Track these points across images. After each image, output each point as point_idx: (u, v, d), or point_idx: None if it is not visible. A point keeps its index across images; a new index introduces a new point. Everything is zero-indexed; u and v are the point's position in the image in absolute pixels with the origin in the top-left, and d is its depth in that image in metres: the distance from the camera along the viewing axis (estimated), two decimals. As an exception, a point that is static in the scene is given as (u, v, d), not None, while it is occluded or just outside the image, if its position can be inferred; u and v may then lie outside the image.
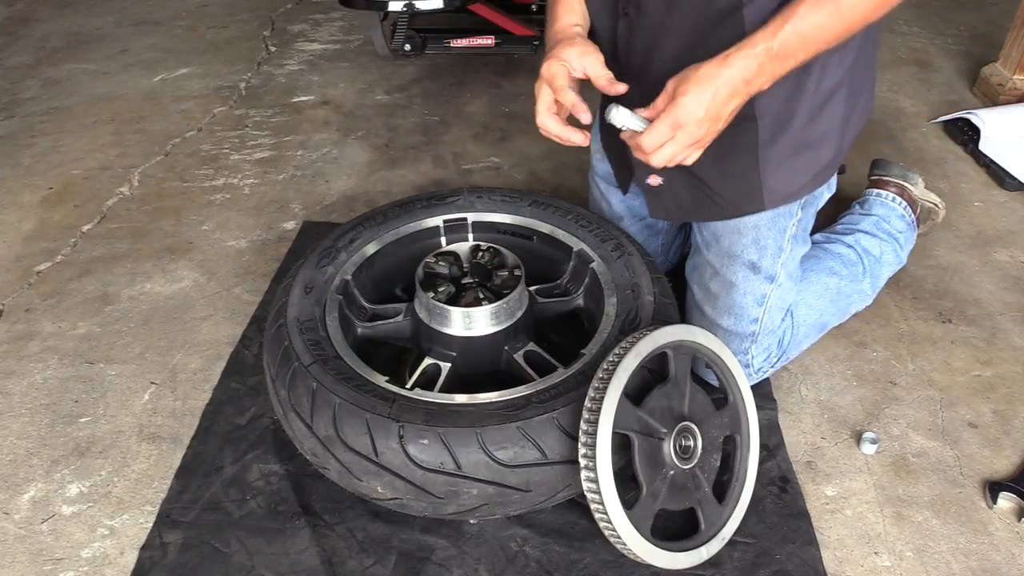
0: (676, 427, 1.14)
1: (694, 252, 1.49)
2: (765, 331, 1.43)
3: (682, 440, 1.15)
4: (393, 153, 2.34)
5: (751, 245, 1.37)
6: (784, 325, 1.47)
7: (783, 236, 1.37)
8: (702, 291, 1.45)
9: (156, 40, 3.08)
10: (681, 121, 1.06)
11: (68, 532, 1.27)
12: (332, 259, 1.41)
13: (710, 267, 1.42)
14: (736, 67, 1.06)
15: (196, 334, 1.66)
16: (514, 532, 1.25)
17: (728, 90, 1.06)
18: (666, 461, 1.13)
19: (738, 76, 1.06)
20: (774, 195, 1.32)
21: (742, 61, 1.06)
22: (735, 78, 1.06)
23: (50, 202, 2.10)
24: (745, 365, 1.45)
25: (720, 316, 1.42)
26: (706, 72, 1.06)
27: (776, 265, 1.39)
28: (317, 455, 1.16)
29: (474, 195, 1.57)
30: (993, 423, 1.46)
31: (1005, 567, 1.22)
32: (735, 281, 1.39)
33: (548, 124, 1.19)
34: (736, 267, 1.39)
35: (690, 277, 1.49)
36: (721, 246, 1.40)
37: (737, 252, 1.38)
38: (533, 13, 2.94)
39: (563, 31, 1.25)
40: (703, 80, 1.06)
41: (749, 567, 1.20)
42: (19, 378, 1.56)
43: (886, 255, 1.64)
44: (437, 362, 1.31)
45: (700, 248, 1.45)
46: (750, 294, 1.39)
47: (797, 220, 1.38)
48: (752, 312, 1.40)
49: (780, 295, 1.42)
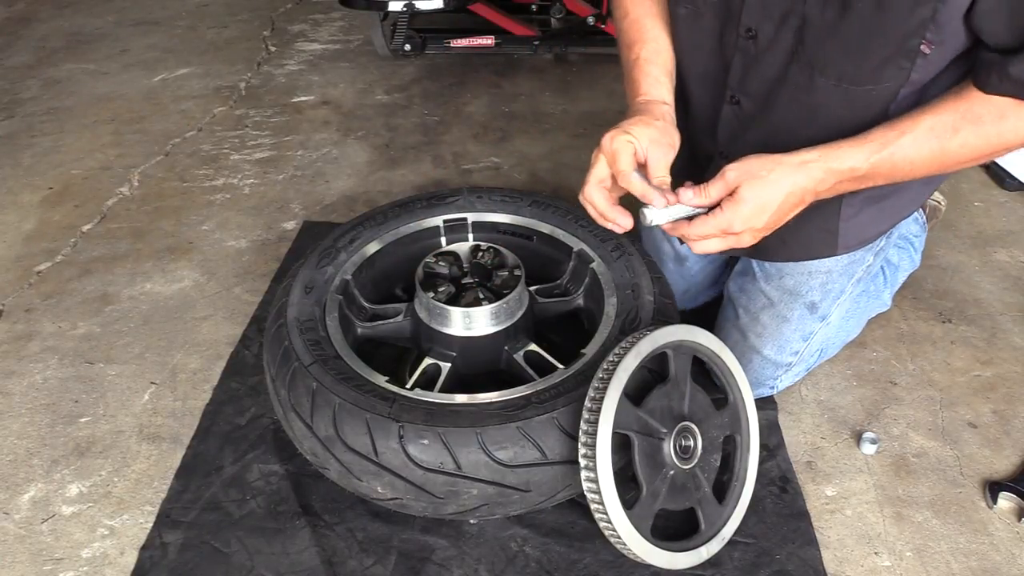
0: (676, 427, 1.14)
1: (744, 276, 1.44)
2: (801, 361, 1.43)
3: (682, 440, 1.15)
4: (393, 153, 2.34)
5: (818, 288, 1.34)
6: (818, 355, 1.47)
7: (849, 281, 1.36)
8: (749, 317, 1.41)
9: (156, 40, 3.08)
10: (735, 228, 0.97)
11: (68, 532, 1.27)
12: (332, 259, 1.41)
13: (764, 297, 1.38)
14: (814, 177, 0.96)
15: (196, 334, 1.66)
16: (514, 532, 1.24)
17: (795, 200, 0.97)
18: (666, 461, 1.13)
19: (810, 187, 0.97)
20: (849, 241, 1.28)
21: (822, 174, 0.96)
22: (806, 188, 0.97)
23: (50, 202, 2.10)
24: (770, 388, 1.46)
25: (763, 345, 1.40)
26: (777, 177, 0.95)
27: (833, 306, 1.37)
28: (317, 455, 1.16)
29: (474, 195, 1.57)
30: (993, 423, 1.46)
31: (1005, 567, 1.22)
32: (790, 318, 1.37)
33: (595, 199, 1.07)
34: (795, 305, 1.36)
35: (736, 298, 1.44)
36: (784, 283, 1.36)
37: (801, 291, 1.35)
38: (533, 13, 2.94)
39: (648, 106, 1.10)
40: (771, 185, 0.95)
41: (749, 567, 1.20)
42: (19, 378, 1.56)
43: (903, 261, 1.63)
44: (437, 362, 1.31)
45: (756, 276, 1.39)
46: (799, 330, 1.38)
47: (867, 266, 1.37)
48: (795, 346, 1.39)
49: (826, 332, 1.42)
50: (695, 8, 1.14)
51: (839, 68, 1.02)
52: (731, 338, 1.44)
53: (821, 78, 1.05)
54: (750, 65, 1.13)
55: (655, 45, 1.16)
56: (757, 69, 1.12)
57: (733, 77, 1.16)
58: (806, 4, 1.00)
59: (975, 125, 0.95)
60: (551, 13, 2.88)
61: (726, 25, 1.12)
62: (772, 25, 1.06)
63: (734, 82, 1.17)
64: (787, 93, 1.11)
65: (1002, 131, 0.95)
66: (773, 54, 1.08)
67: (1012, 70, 0.91)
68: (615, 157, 1.04)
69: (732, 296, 1.46)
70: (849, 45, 0.99)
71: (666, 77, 1.15)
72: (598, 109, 2.56)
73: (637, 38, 1.17)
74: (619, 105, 2.50)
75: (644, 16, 1.18)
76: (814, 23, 1.01)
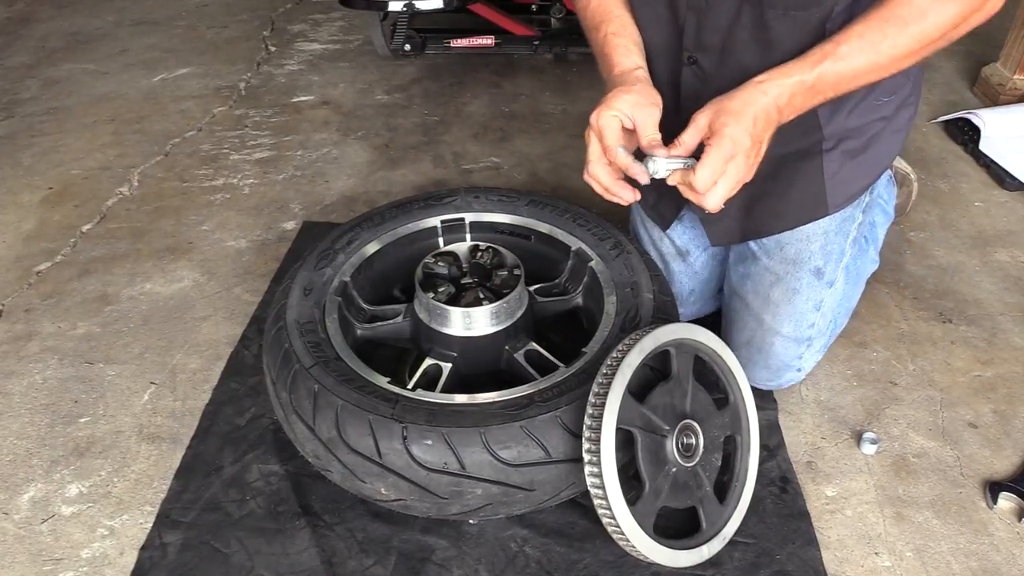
0: (678, 425, 1.15)
1: (744, 261, 1.45)
2: (819, 335, 1.43)
3: (684, 438, 1.15)
4: (393, 153, 2.34)
5: (819, 252, 1.36)
6: (831, 327, 1.47)
7: (846, 241, 1.38)
8: (760, 300, 1.41)
9: (156, 40, 3.08)
10: (732, 151, 1.04)
11: (68, 532, 1.27)
12: (330, 260, 1.41)
13: (771, 274, 1.39)
14: (771, 94, 1.05)
15: (196, 334, 1.66)
16: (514, 532, 1.24)
17: (764, 117, 1.06)
18: (668, 458, 1.13)
19: (771, 104, 1.06)
20: (838, 199, 1.32)
21: (776, 89, 1.06)
22: (769, 105, 1.06)
23: (50, 202, 2.10)
24: (797, 369, 1.46)
25: (781, 324, 1.40)
26: (743, 100, 1.05)
27: (838, 270, 1.39)
28: (319, 457, 1.16)
29: (471, 195, 1.57)
30: (993, 423, 1.46)
31: (1005, 567, 1.22)
32: (799, 288, 1.37)
33: (599, 174, 1.14)
34: (801, 274, 1.37)
35: (740, 287, 1.45)
36: (786, 254, 1.37)
37: (804, 259, 1.36)
38: (533, 13, 2.94)
39: (623, 76, 1.18)
40: (743, 109, 1.04)
41: (749, 567, 1.20)
42: (19, 378, 1.56)
43: (877, 216, 1.61)
44: (438, 363, 1.31)
45: (757, 256, 1.41)
46: (811, 299, 1.39)
47: (858, 224, 1.39)
48: (810, 317, 1.40)
49: (835, 298, 1.42)
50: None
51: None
52: (747, 328, 1.44)
53: (770, 10, 1.14)
54: (703, 20, 1.20)
55: (620, 22, 1.23)
56: (709, 21, 1.19)
57: (688, 38, 1.23)
58: None
59: (900, 26, 1.05)
60: (551, 13, 2.88)
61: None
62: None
63: (689, 42, 1.23)
64: (740, 37, 1.18)
65: (925, 28, 1.05)
66: (723, 2, 1.16)
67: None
68: (602, 134, 1.11)
69: (736, 287, 1.47)
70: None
71: (635, 47, 1.22)
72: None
73: (603, 18, 1.24)
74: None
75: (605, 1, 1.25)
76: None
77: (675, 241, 1.54)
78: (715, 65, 1.23)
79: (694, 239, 1.53)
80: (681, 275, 1.56)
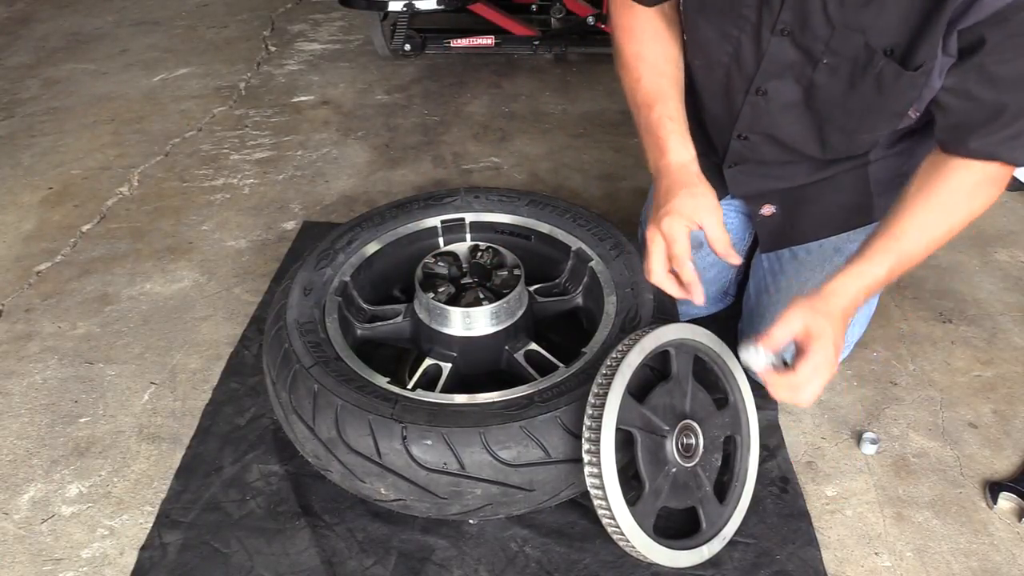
0: (678, 425, 1.15)
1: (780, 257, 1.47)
2: (848, 341, 1.46)
3: (684, 438, 1.15)
4: (393, 153, 2.34)
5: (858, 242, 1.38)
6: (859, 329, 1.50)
7: None
8: (798, 284, 1.41)
9: (156, 40, 3.08)
10: (825, 366, 1.07)
11: (68, 532, 1.27)
12: (330, 260, 1.41)
13: (808, 270, 1.41)
14: (851, 296, 1.10)
15: (196, 334, 1.66)
16: (514, 532, 1.24)
17: (849, 316, 1.11)
18: (668, 459, 1.13)
19: (853, 304, 1.11)
20: (882, 207, 1.33)
21: (853, 304, 1.11)
22: (852, 305, 1.11)
23: (50, 202, 2.10)
24: None
25: None
26: (834, 304, 1.09)
27: None
28: (319, 457, 1.16)
29: (471, 195, 1.57)
30: (993, 423, 1.46)
31: (1005, 567, 1.22)
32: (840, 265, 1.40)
33: (665, 285, 1.17)
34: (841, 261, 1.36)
35: (772, 282, 1.46)
36: (824, 250, 1.41)
37: (844, 248, 1.39)
38: (533, 13, 2.94)
39: (681, 170, 1.19)
40: (835, 312, 1.08)
41: (749, 567, 1.20)
42: (19, 378, 1.56)
43: None
44: (438, 362, 1.31)
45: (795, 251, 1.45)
46: None
47: None
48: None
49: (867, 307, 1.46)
50: (708, 63, 1.26)
51: (843, 124, 1.22)
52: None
53: (827, 125, 1.23)
54: (760, 115, 1.27)
55: (675, 106, 1.24)
56: (768, 117, 1.27)
57: (742, 123, 1.30)
58: (815, 71, 1.15)
59: (950, 214, 1.14)
60: (551, 13, 2.88)
61: (736, 81, 1.24)
62: (782, 85, 1.20)
63: (743, 126, 1.30)
64: (796, 128, 1.26)
65: (973, 208, 1.15)
66: (782, 106, 1.23)
67: (972, 144, 1.09)
68: (673, 243, 1.14)
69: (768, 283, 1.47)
70: (853, 112, 1.18)
71: (688, 137, 1.23)
72: (598, 109, 2.56)
73: (657, 98, 1.24)
74: (619, 105, 2.51)
75: (658, 77, 1.25)
76: (822, 88, 1.17)
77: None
78: (764, 142, 1.31)
79: None
80: None
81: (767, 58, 1.17)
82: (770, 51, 1.16)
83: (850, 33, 1.08)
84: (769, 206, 1.44)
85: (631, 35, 1.27)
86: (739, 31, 1.17)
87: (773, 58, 1.17)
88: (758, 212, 1.46)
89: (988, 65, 1.03)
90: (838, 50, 1.11)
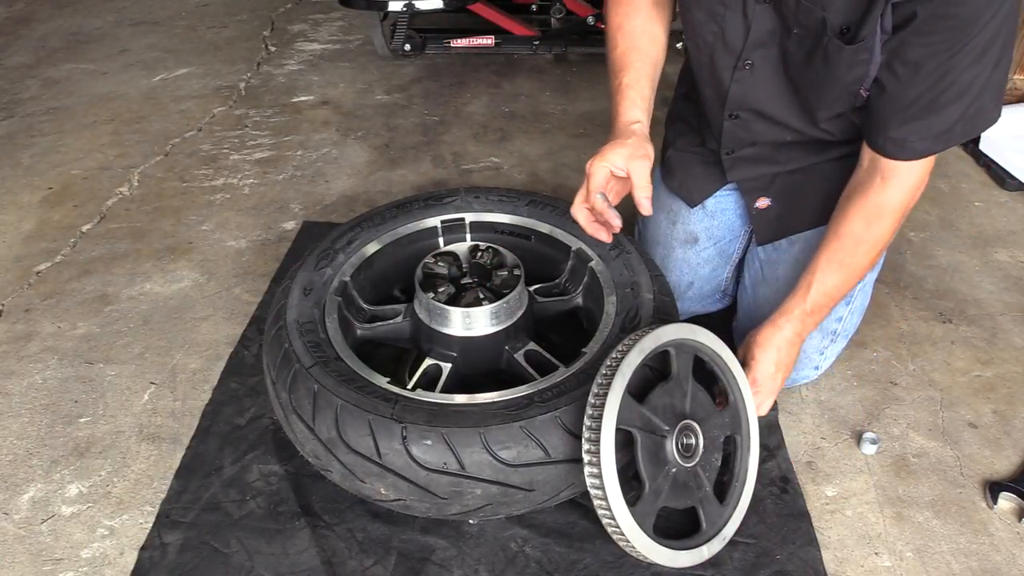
0: (678, 425, 1.15)
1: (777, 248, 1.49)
2: (844, 333, 1.47)
3: (684, 438, 1.15)
4: (393, 153, 2.34)
5: None
6: (855, 321, 1.50)
7: None
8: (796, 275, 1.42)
9: (156, 40, 3.08)
10: (759, 380, 1.29)
11: (68, 532, 1.27)
12: (330, 260, 1.41)
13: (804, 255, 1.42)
14: (786, 328, 1.29)
15: (196, 334, 1.66)
16: (514, 532, 1.24)
17: (787, 346, 1.30)
18: (668, 459, 1.13)
19: (790, 334, 1.29)
20: None
21: (789, 324, 1.29)
22: (788, 336, 1.29)
23: (50, 202, 2.10)
24: (815, 367, 1.48)
25: None
26: (764, 338, 1.30)
27: None
28: (319, 457, 1.16)
29: (471, 195, 1.57)
30: (993, 423, 1.46)
31: (1005, 567, 1.22)
32: None
33: (578, 216, 1.32)
34: None
35: (770, 273, 1.49)
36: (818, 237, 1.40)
37: None
38: (533, 13, 2.94)
39: (622, 129, 1.30)
40: (765, 345, 1.30)
41: (749, 567, 1.20)
42: (19, 378, 1.56)
43: None
44: (438, 363, 1.31)
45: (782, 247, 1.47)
46: None
47: None
48: (839, 311, 1.41)
49: (864, 297, 1.46)
50: (696, 44, 1.34)
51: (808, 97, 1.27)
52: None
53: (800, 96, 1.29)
54: (747, 90, 1.33)
55: (636, 74, 1.33)
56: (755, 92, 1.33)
57: (732, 100, 1.35)
58: (789, 39, 1.21)
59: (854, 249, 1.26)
60: (551, 13, 2.88)
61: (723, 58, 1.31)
62: (765, 53, 1.27)
63: (733, 104, 1.35)
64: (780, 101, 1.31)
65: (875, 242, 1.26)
66: (765, 76, 1.29)
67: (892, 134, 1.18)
68: (590, 178, 1.26)
69: (766, 275, 1.49)
70: (812, 85, 1.24)
71: (641, 101, 1.33)
72: (598, 109, 2.57)
73: (621, 67, 1.34)
74: (619, 105, 2.50)
75: (631, 49, 1.35)
76: (792, 57, 1.24)
77: (689, 226, 1.55)
78: (754, 119, 1.37)
79: (708, 228, 1.55)
80: (683, 264, 1.57)
81: (753, 28, 1.23)
82: (755, 19, 1.22)
83: (811, 7, 1.13)
84: (764, 199, 1.46)
85: (618, 8, 1.37)
86: (724, 7, 1.23)
87: (758, 26, 1.22)
88: (753, 206, 1.47)
89: (911, 43, 1.08)
90: (803, 22, 1.16)
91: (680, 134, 1.57)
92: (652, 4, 1.36)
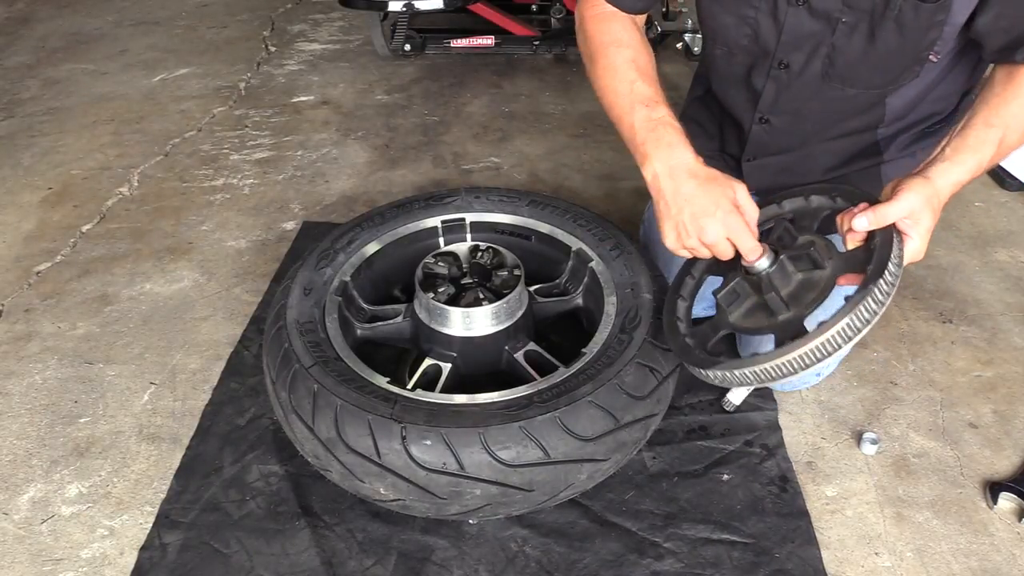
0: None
1: None
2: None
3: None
4: (393, 153, 2.34)
5: None
6: None
7: None
8: None
9: (156, 40, 3.08)
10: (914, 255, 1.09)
11: (68, 532, 1.27)
12: (330, 260, 1.41)
13: None
14: (952, 189, 1.12)
15: (195, 334, 1.66)
16: (514, 532, 1.24)
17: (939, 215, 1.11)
18: None
19: (946, 199, 1.12)
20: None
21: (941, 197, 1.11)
22: (944, 202, 1.12)
23: (50, 202, 2.10)
24: (816, 373, 1.48)
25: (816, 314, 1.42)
26: (930, 205, 1.09)
27: None
28: (319, 457, 1.16)
29: (472, 195, 1.57)
30: (994, 423, 1.45)
31: (1006, 567, 1.22)
32: None
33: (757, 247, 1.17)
34: None
35: None
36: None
37: None
38: (533, 13, 2.95)
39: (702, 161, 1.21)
40: (929, 216, 1.09)
41: (749, 567, 1.20)
42: (19, 378, 1.56)
43: None
44: (437, 363, 1.31)
45: None
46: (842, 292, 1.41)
47: None
48: None
49: None
50: (728, 49, 1.32)
51: (867, 81, 1.25)
52: None
53: (851, 89, 1.26)
54: (782, 90, 1.31)
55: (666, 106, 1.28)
56: (789, 92, 1.31)
57: (764, 102, 1.33)
58: (834, 35, 1.20)
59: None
60: (551, 13, 2.88)
61: (758, 60, 1.29)
62: (803, 56, 1.25)
63: (765, 106, 1.34)
64: (816, 104, 1.30)
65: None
66: (803, 78, 1.27)
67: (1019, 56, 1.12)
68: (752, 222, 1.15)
69: None
70: (876, 65, 1.21)
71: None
72: (598, 109, 2.54)
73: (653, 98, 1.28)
74: (619, 105, 2.50)
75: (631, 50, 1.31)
76: (843, 51, 1.21)
77: None
78: (785, 124, 1.35)
79: None
80: None
81: (786, 30, 1.21)
82: (788, 23, 1.21)
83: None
84: None
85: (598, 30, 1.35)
86: (755, 11, 1.22)
87: (791, 30, 1.21)
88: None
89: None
90: (854, 4, 1.15)
91: (693, 136, 1.56)
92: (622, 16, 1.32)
